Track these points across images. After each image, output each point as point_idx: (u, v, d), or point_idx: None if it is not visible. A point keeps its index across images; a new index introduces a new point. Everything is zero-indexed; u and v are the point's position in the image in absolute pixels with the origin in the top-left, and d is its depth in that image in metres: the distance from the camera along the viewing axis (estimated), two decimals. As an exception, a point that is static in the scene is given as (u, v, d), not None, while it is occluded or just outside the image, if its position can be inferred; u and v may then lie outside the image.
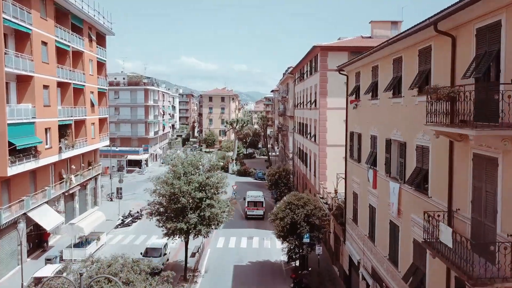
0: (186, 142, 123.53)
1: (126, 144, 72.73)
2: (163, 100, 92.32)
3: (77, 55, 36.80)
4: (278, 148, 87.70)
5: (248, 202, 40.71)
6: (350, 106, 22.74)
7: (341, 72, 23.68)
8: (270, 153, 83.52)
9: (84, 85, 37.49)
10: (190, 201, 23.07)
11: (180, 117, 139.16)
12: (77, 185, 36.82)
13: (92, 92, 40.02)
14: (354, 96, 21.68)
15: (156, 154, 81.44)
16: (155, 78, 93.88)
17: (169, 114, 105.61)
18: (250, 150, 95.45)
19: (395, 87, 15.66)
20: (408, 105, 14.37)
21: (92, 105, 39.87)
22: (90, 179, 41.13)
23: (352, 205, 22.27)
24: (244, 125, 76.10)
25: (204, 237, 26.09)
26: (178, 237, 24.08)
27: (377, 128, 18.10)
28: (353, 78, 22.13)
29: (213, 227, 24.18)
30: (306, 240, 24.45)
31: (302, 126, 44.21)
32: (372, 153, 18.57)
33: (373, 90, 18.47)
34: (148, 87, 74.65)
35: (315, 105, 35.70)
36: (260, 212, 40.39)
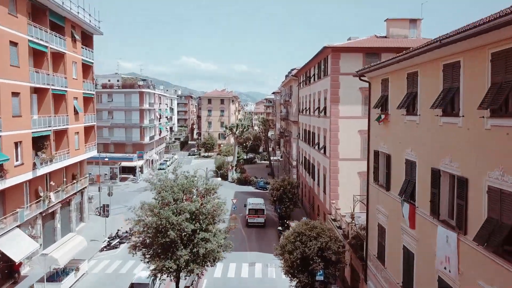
0: (185, 145, 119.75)
1: (120, 150, 68.78)
2: (160, 103, 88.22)
3: (58, 57, 32.77)
4: (279, 152, 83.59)
5: (249, 210, 39.86)
6: (373, 119, 18.83)
7: (362, 78, 19.71)
8: (271, 157, 79.30)
9: (66, 91, 33.50)
10: (182, 234, 19.13)
11: (178, 119, 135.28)
12: (58, 202, 32.88)
13: (76, 98, 36.02)
14: (380, 108, 17.70)
15: (152, 160, 77.49)
16: (151, 80, 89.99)
17: (166, 117, 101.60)
18: (250, 155, 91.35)
19: (448, 103, 11.75)
20: (472, 128, 10.45)
21: (76, 112, 35.88)
22: (75, 193, 37.17)
23: (377, 239, 18.32)
24: (245, 130, 71.82)
25: (198, 276, 22.19)
26: (167, 276, 20.11)
27: (415, 152, 14.18)
28: (378, 87, 18.16)
29: (208, 264, 20.21)
30: (319, 277, 20.57)
31: (308, 134, 40.30)
32: (409, 182, 14.65)
33: (410, 103, 14.56)
34: (143, 90, 70.57)
35: (325, 112, 31.81)
36: (261, 220, 39.55)
